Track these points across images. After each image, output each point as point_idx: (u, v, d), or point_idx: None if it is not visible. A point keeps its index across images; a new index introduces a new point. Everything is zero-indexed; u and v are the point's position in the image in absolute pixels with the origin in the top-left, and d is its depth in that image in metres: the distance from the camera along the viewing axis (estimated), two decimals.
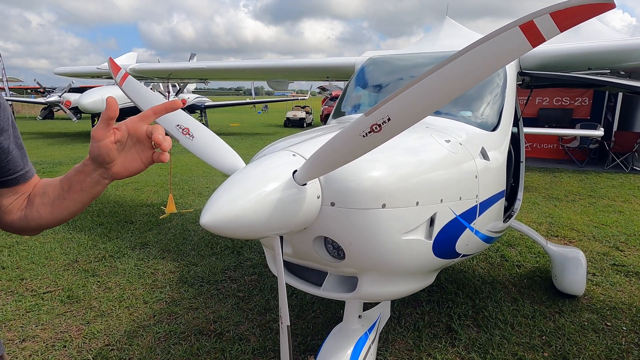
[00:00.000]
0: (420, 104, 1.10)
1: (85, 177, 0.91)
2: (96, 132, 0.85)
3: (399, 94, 1.11)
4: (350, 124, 1.22)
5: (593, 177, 9.04)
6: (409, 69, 3.31)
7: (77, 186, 0.92)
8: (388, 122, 1.15)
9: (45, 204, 0.95)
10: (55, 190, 0.95)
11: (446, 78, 1.04)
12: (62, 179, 0.96)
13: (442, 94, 1.07)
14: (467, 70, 1.01)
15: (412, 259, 1.72)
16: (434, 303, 3.39)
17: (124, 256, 4.40)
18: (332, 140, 1.28)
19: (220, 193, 1.29)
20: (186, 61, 23.75)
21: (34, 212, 0.96)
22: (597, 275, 3.99)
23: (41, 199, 0.96)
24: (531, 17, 0.92)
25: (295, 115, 23.67)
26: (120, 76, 1.80)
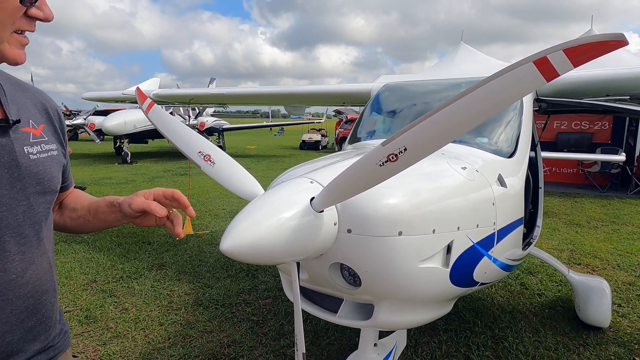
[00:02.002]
0: (436, 136, 1.13)
1: (111, 214, 1.13)
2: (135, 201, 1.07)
3: (416, 124, 1.14)
4: (367, 153, 1.25)
5: (616, 203, 8.79)
6: (424, 95, 3.36)
7: (102, 216, 1.15)
8: (405, 152, 1.18)
9: (72, 218, 1.18)
10: (82, 210, 1.18)
11: (462, 111, 1.06)
12: (91, 203, 1.18)
13: (458, 126, 1.09)
14: (482, 104, 1.04)
15: (429, 288, 1.71)
16: (452, 332, 3.30)
17: (141, 277, 4.45)
18: (350, 169, 1.31)
19: (240, 219, 1.32)
20: (205, 85, 24.40)
21: (61, 220, 1.18)
22: (623, 306, 3.84)
23: (70, 213, 1.18)
24: (545, 53, 0.95)
25: (311, 138, 23.92)
26: (147, 105, 1.88)
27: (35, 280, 0.96)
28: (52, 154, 1.02)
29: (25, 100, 1.02)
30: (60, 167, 1.06)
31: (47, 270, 1.01)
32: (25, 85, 1.06)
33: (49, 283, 1.02)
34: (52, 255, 1.04)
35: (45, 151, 0.99)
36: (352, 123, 21.40)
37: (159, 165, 14.99)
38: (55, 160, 1.03)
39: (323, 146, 24.03)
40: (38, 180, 0.96)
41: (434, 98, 3.26)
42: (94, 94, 7.35)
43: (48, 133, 1.04)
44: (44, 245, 0.99)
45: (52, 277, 1.04)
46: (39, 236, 0.97)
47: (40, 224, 0.97)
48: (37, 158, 0.96)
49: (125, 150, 15.51)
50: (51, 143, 1.03)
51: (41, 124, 1.02)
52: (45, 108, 1.07)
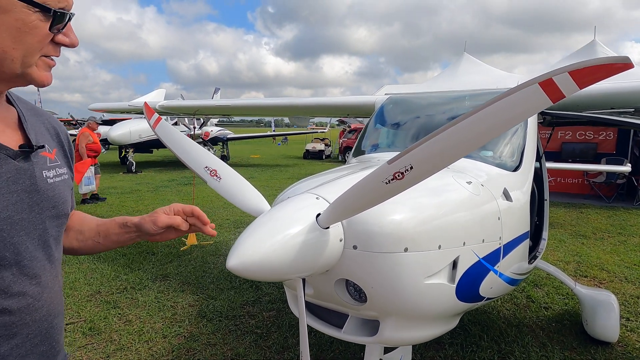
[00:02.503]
0: (442, 154, 1.13)
1: (124, 234, 1.16)
2: (160, 219, 1.12)
3: (422, 143, 1.14)
4: (373, 171, 1.25)
5: (622, 214, 8.72)
6: (428, 108, 3.37)
7: (114, 237, 1.17)
8: (410, 170, 1.18)
9: (79, 240, 1.18)
10: (90, 232, 1.18)
11: (468, 130, 1.07)
12: (99, 224, 1.19)
13: (464, 145, 1.10)
14: (488, 124, 1.05)
15: (434, 303, 1.70)
16: (457, 346, 3.27)
17: (144, 288, 4.45)
18: (356, 186, 1.31)
19: (246, 236, 1.32)
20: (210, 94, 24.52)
21: (67, 242, 1.16)
22: (631, 320, 3.78)
23: (76, 234, 1.18)
24: (550, 74, 0.95)
25: (315, 148, 23.98)
26: (154, 120, 1.90)
27: (49, 303, 0.96)
28: (65, 177, 1.04)
29: (40, 124, 1.04)
30: (70, 191, 1.09)
31: (58, 293, 1.02)
32: (38, 110, 1.09)
33: (60, 306, 1.03)
34: (61, 279, 1.05)
35: (59, 175, 1.01)
36: (355, 132, 21.46)
37: (164, 174, 15.05)
38: (67, 184, 1.05)
39: (327, 155, 24.06)
40: (54, 204, 0.97)
41: (438, 111, 3.28)
42: (101, 105, 7.42)
43: (60, 157, 1.06)
44: (56, 268, 1.00)
45: (62, 300, 1.05)
46: (52, 259, 0.98)
47: (52, 247, 0.98)
48: (53, 182, 0.98)
49: (130, 159, 15.60)
50: (63, 167, 1.05)
51: (54, 148, 1.05)
52: (57, 132, 1.09)
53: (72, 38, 0.93)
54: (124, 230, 1.15)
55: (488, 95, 3.16)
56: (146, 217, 1.14)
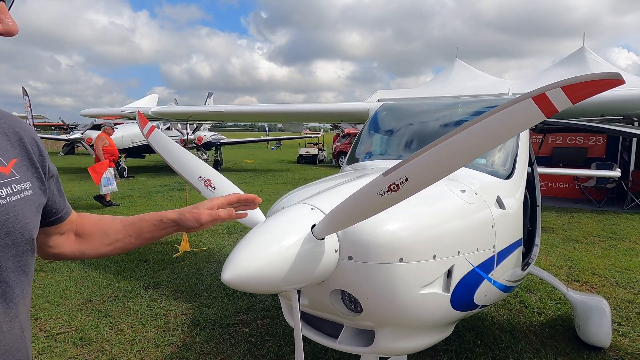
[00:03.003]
0: (437, 167, 1.14)
1: (159, 230, 1.11)
2: (204, 218, 1.10)
3: (417, 156, 1.15)
4: (369, 183, 1.26)
5: (612, 218, 8.83)
6: (421, 115, 3.39)
7: (148, 235, 1.12)
8: (406, 182, 1.19)
9: (106, 244, 1.11)
10: (118, 234, 1.11)
11: (463, 143, 1.08)
12: (126, 225, 1.12)
13: (458, 158, 1.11)
14: (482, 137, 1.06)
15: (430, 313, 1.70)
16: (452, 353, 3.27)
17: (137, 296, 4.40)
18: (351, 197, 1.31)
19: (241, 248, 1.32)
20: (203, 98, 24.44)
21: (92, 250, 1.11)
22: (622, 324, 3.82)
23: (101, 239, 1.11)
24: (543, 90, 0.97)
25: (308, 152, 23.98)
26: (148, 129, 1.89)
27: (2, 352, 0.79)
28: (26, 194, 0.86)
29: None
30: (37, 209, 0.90)
31: (18, 337, 0.83)
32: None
33: (21, 352, 0.85)
34: (25, 317, 0.88)
35: (16, 192, 0.83)
36: (349, 137, 21.51)
37: (156, 179, 14.94)
38: (30, 202, 0.86)
39: (320, 160, 24.08)
40: (7, 230, 0.79)
41: (431, 118, 3.30)
42: (93, 110, 7.37)
43: (22, 169, 0.87)
44: (14, 308, 0.82)
45: (25, 345, 0.87)
46: (7, 297, 0.80)
47: (8, 282, 0.80)
48: (6, 203, 0.80)
49: (122, 164, 15.48)
50: (24, 181, 0.86)
51: (13, 159, 0.86)
52: (19, 138, 0.90)
53: (5, 23, 0.76)
54: (158, 227, 1.11)
55: (481, 103, 3.19)
56: (187, 214, 1.10)
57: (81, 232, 1.12)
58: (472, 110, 3.05)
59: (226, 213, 1.12)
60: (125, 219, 1.13)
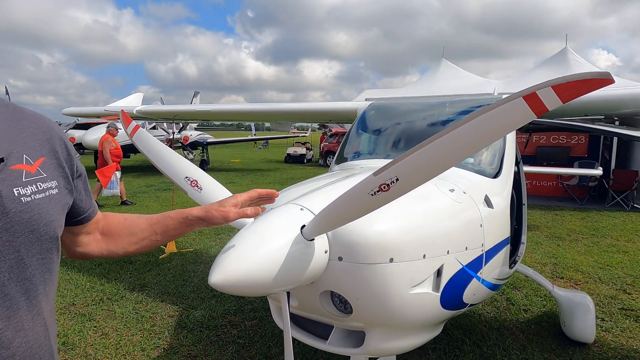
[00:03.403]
0: (427, 167, 1.13)
1: (185, 227, 1.13)
2: (231, 216, 1.12)
3: (408, 155, 1.14)
4: (359, 183, 1.24)
5: (594, 215, 9.02)
6: (409, 114, 3.40)
7: (174, 232, 1.13)
8: (396, 182, 1.17)
9: (133, 243, 1.14)
10: (144, 232, 1.13)
11: (453, 142, 1.07)
12: (152, 223, 1.14)
13: (449, 157, 1.10)
14: (473, 137, 1.05)
15: (420, 313, 1.70)
16: (440, 351, 3.29)
17: (122, 299, 4.31)
18: (341, 197, 1.30)
19: (229, 250, 1.29)
20: (189, 97, 24.16)
21: (120, 249, 1.13)
22: (606, 320, 3.90)
23: (129, 238, 1.13)
24: (534, 89, 0.96)
25: (296, 152, 23.92)
26: (132, 128, 1.84)
27: (25, 350, 0.81)
28: (52, 193, 0.88)
29: (21, 131, 0.87)
30: (62, 208, 0.92)
31: (41, 335, 0.85)
32: (24, 113, 0.92)
33: (44, 350, 0.86)
34: (49, 315, 0.89)
35: (42, 191, 0.85)
36: (336, 136, 21.51)
37: (141, 180, 14.71)
38: (55, 201, 0.88)
39: (308, 160, 24.04)
40: (31, 227, 0.82)
41: (419, 117, 3.30)
42: (75, 109, 7.18)
43: (49, 168, 0.89)
44: (37, 306, 0.84)
45: (49, 343, 0.88)
46: (30, 295, 0.82)
47: (32, 280, 0.82)
48: (30, 200, 0.82)
49: None
50: (50, 180, 0.88)
51: (40, 158, 0.88)
52: (48, 138, 0.92)
53: None
54: (184, 224, 1.12)
55: (469, 102, 3.21)
56: (214, 212, 1.11)
57: (107, 231, 1.14)
58: (460, 110, 3.07)
59: (252, 211, 1.15)
60: (150, 217, 1.15)
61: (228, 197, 1.16)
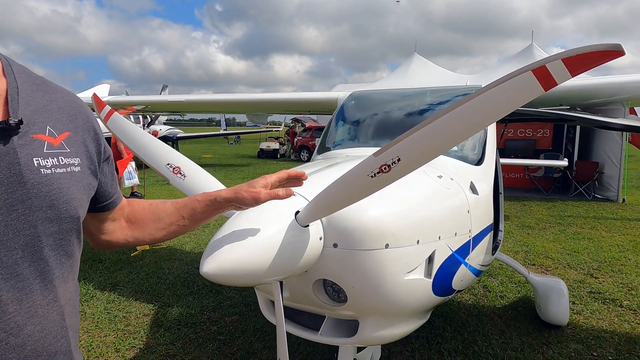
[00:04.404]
0: (431, 145, 1.09)
1: (215, 211, 1.07)
2: (263, 197, 1.06)
3: (410, 134, 1.09)
4: (358, 164, 1.19)
5: (559, 205, 9.42)
6: (391, 103, 3.38)
7: (201, 216, 1.07)
8: (398, 162, 1.13)
9: (160, 229, 1.07)
10: (171, 217, 1.07)
11: (459, 119, 1.03)
12: (179, 207, 1.07)
13: (455, 135, 1.06)
14: (480, 113, 1.02)
15: (413, 299, 1.67)
16: (423, 339, 3.31)
17: (92, 299, 4.09)
18: (339, 181, 1.24)
19: (220, 239, 1.21)
20: (157, 92, 23.45)
21: (147, 236, 1.07)
22: (576, 303, 4.05)
23: (155, 224, 1.07)
24: (544, 62, 0.94)
25: (269, 146, 23.68)
26: (105, 113, 1.71)
27: (37, 339, 0.73)
28: (74, 170, 0.81)
29: (49, 101, 0.82)
30: (85, 188, 0.85)
31: (57, 325, 0.78)
32: (53, 86, 0.87)
33: (61, 342, 0.78)
34: (68, 304, 0.81)
35: (63, 165, 0.78)
36: (310, 131, 21.42)
37: None
38: (77, 179, 0.81)
39: (281, 155, 23.85)
40: (50, 202, 0.74)
41: (402, 105, 3.29)
42: None
43: (74, 144, 0.83)
44: (53, 291, 0.76)
45: (66, 335, 0.80)
46: (46, 278, 0.75)
47: (48, 261, 0.75)
48: (51, 173, 0.75)
49: None
50: (74, 157, 0.82)
51: (65, 132, 0.82)
52: (76, 114, 0.87)
53: None
54: (212, 207, 1.06)
55: (450, 91, 3.23)
56: (244, 192, 1.04)
57: (132, 218, 1.08)
58: (442, 100, 3.08)
59: (284, 192, 1.09)
60: (176, 201, 1.10)
61: (257, 178, 1.11)
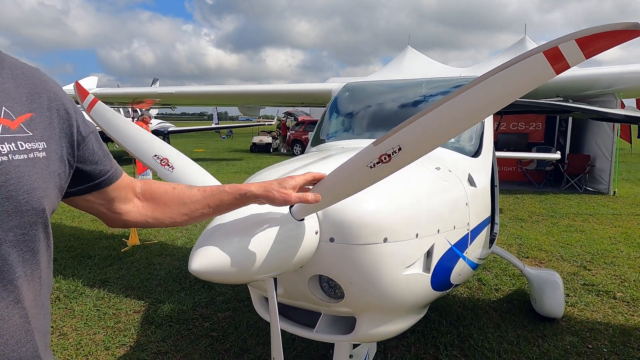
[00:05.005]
0: (435, 133, 1.03)
1: (241, 204, 1.06)
2: (293, 200, 1.07)
3: (412, 122, 1.03)
4: (356, 154, 1.12)
5: (551, 198, 9.47)
6: (386, 94, 3.32)
7: (227, 208, 1.05)
8: (399, 152, 1.07)
9: (183, 214, 1.03)
10: (196, 204, 1.03)
11: (465, 105, 0.97)
12: (206, 196, 1.04)
13: (460, 121, 1.00)
14: (487, 98, 0.95)
15: (412, 295, 1.62)
16: (419, 333, 3.28)
17: (81, 295, 4.00)
18: (335, 172, 1.17)
19: (210, 234, 1.14)
20: (148, 86, 23.17)
21: (168, 219, 1.03)
22: (571, 296, 4.06)
23: (179, 208, 1.03)
24: (556, 43, 0.88)
25: (262, 140, 23.49)
26: (89, 102, 1.62)
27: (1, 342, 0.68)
28: (37, 156, 0.72)
29: (3, 79, 0.73)
30: (51, 176, 0.76)
31: (20, 327, 0.71)
32: (10, 62, 0.78)
33: (25, 347, 0.71)
34: (34, 306, 0.74)
35: (23, 151, 0.70)
36: (303, 125, 21.28)
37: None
38: (40, 165, 0.73)
39: (274, 149, 23.70)
40: (7, 194, 0.67)
41: (396, 97, 3.23)
42: None
43: (37, 127, 0.74)
44: (14, 292, 0.69)
45: (32, 339, 0.73)
46: (5, 277, 0.68)
47: (7, 259, 0.68)
48: (7, 160, 0.68)
49: None
50: (37, 141, 0.73)
51: (26, 114, 0.73)
52: (39, 92, 0.77)
53: None
54: (240, 201, 1.05)
55: (446, 82, 3.17)
56: (274, 192, 1.04)
57: (150, 197, 1.03)
58: (439, 91, 3.02)
59: (313, 197, 1.11)
60: (203, 189, 1.06)
61: (286, 178, 1.09)
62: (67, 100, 0.83)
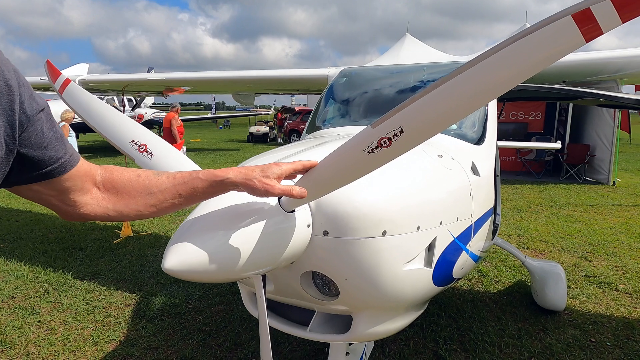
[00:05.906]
0: (442, 113, 0.90)
1: (217, 192, 0.97)
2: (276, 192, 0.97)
3: (416, 100, 0.90)
4: (352, 138, 1.00)
5: (551, 188, 9.38)
6: (384, 79, 3.18)
7: (202, 196, 0.95)
8: (400, 135, 0.94)
9: (150, 205, 0.93)
10: (164, 194, 0.93)
11: (477, 81, 0.84)
12: (176, 184, 0.93)
13: (471, 99, 0.87)
14: (506, 69, 0.82)
15: (412, 291, 1.51)
16: (418, 327, 3.19)
17: (70, 289, 3.89)
18: (329, 159, 1.05)
19: (188, 228, 1.01)
20: None
21: (132, 210, 0.92)
22: (572, 287, 3.97)
23: (145, 199, 0.92)
24: (587, 4, 0.74)
25: (259, 130, 23.32)
26: (60, 83, 1.48)
27: None
28: None
29: None
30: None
31: None
32: None
33: None
34: None
35: None
36: (300, 115, 21.08)
37: (92, 162, 13.72)
38: None
39: (271, 139, 23.51)
40: None
41: (394, 82, 3.09)
42: None
43: None
44: None
45: None
46: None
47: None
48: None
49: None
50: None
51: None
52: None
53: None
54: (216, 188, 0.94)
55: (447, 66, 3.03)
56: (256, 182, 0.94)
57: (111, 187, 0.91)
58: (438, 75, 2.87)
59: (299, 192, 1.00)
60: (173, 175, 0.94)
61: (271, 165, 0.98)
62: (9, 70, 0.68)
